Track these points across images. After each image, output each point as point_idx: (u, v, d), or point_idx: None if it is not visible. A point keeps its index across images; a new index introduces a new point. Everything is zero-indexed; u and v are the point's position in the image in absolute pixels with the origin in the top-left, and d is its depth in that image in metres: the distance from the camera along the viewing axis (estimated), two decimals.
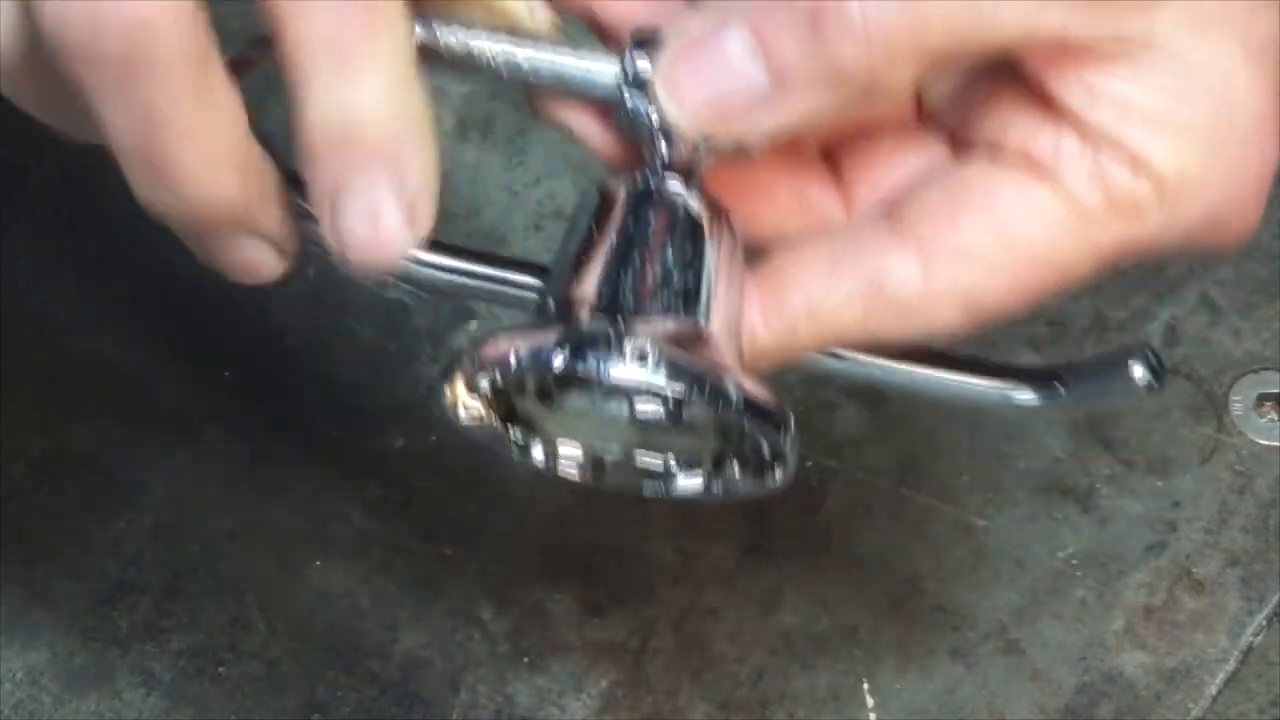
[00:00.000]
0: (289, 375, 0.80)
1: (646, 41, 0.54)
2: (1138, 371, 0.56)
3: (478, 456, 0.78)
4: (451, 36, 0.55)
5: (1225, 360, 0.79)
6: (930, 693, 0.74)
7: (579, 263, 0.54)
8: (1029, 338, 0.80)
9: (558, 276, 0.54)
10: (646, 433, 0.56)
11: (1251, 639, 0.75)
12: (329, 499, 0.77)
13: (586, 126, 0.57)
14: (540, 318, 0.54)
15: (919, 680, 0.74)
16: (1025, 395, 0.59)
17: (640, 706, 0.74)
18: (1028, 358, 0.79)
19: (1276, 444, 0.78)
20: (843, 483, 0.78)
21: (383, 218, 0.51)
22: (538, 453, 0.57)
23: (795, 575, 0.76)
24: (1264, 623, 0.75)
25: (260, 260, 0.56)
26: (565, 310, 0.53)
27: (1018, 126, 0.54)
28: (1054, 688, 0.74)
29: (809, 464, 0.78)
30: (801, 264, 0.56)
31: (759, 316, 0.55)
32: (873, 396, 0.79)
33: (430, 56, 0.55)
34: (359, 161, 0.51)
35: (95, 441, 0.78)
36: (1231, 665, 0.74)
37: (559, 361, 0.51)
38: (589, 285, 0.53)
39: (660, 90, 0.53)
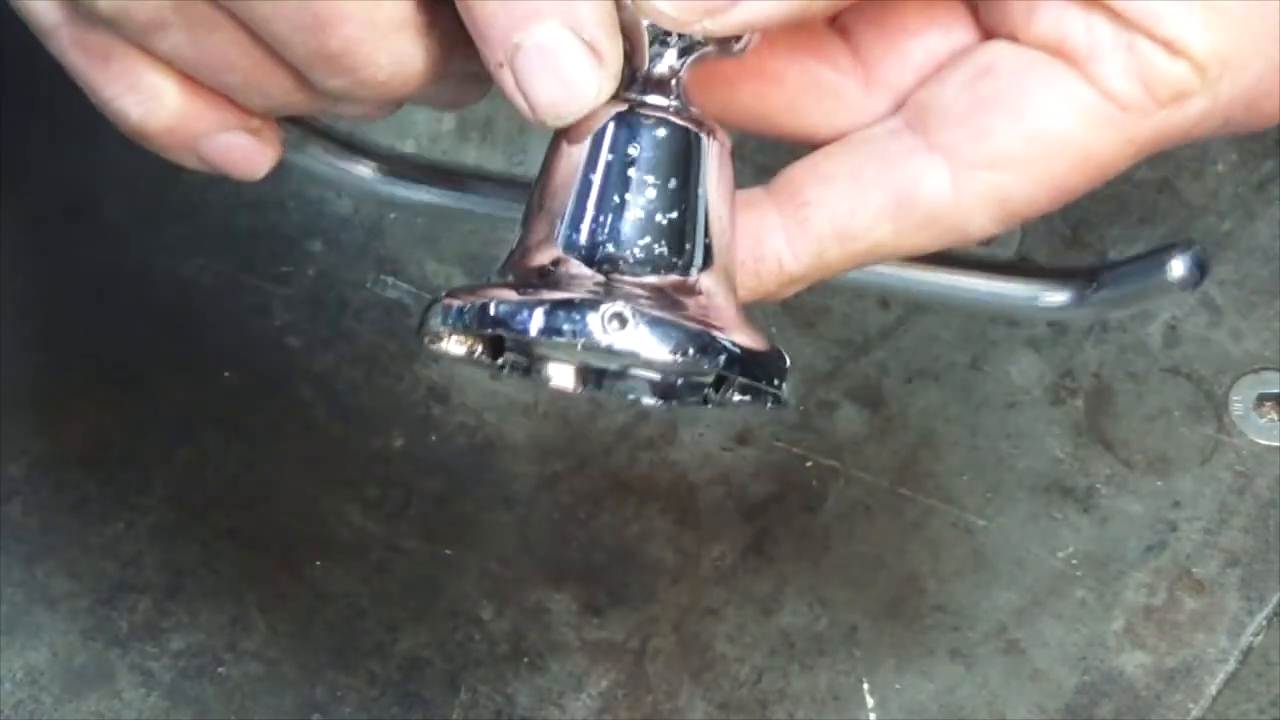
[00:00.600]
0: (289, 375, 0.80)
1: None
2: (1177, 266, 0.54)
3: (478, 456, 0.78)
4: None
5: (1225, 360, 0.79)
6: (930, 693, 0.74)
7: (555, 202, 0.51)
8: (1029, 338, 0.80)
9: (533, 219, 0.51)
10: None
11: (1251, 639, 0.74)
12: (329, 499, 0.77)
13: None
14: (517, 265, 0.51)
15: (919, 680, 0.74)
16: (1058, 296, 0.57)
17: (640, 706, 0.74)
18: (1028, 358, 0.79)
19: (1276, 444, 0.78)
20: (843, 483, 0.78)
21: (565, 63, 0.49)
22: (527, 371, 0.55)
23: (795, 575, 0.76)
24: (1264, 623, 0.75)
25: (466, 92, 0.54)
26: (542, 260, 0.50)
27: (1047, 11, 0.51)
28: (1054, 688, 0.74)
29: (809, 464, 0.78)
30: (823, 182, 0.53)
31: (784, 243, 0.53)
32: (873, 396, 0.79)
33: None
34: (527, 13, 0.48)
35: (95, 441, 0.78)
36: (1231, 665, 0.74)
37: (534, 327, 0.48)
38: (567, 231, 0.50)
39: None
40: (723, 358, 0.49)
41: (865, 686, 0.74)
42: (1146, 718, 0.73)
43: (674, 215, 0.50)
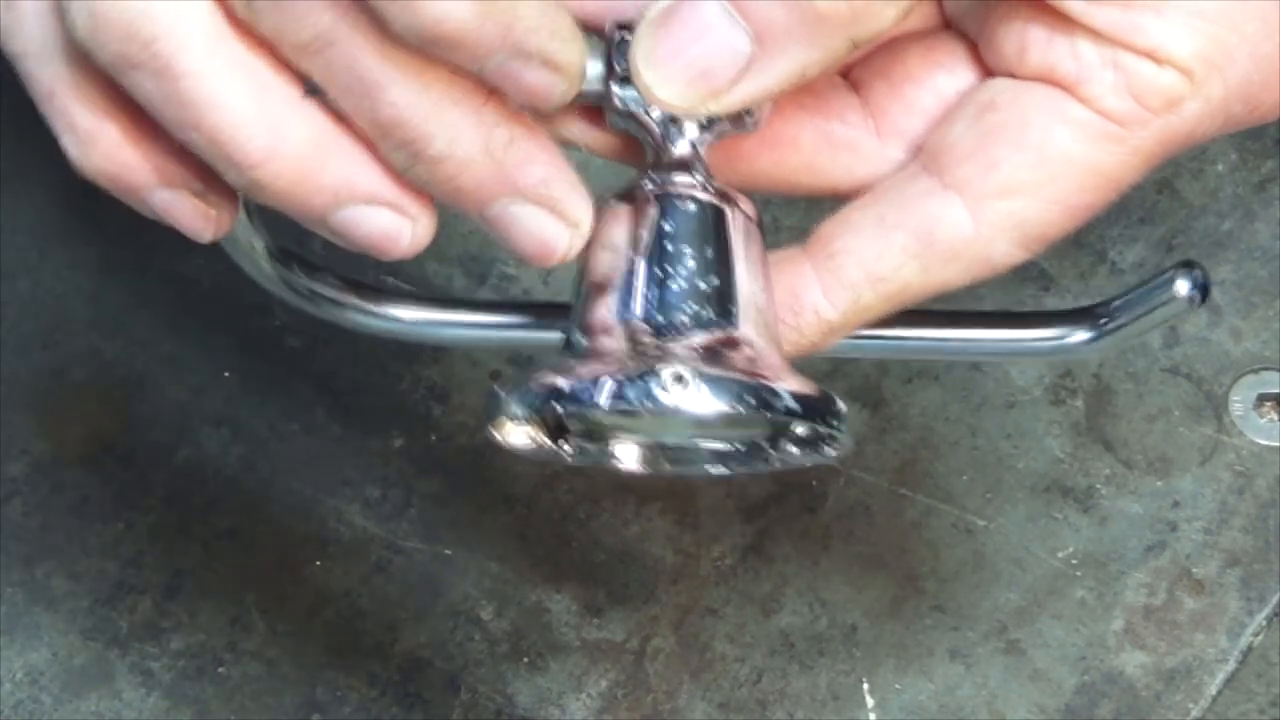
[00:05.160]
0: (289, 375, 0.80)
1: (629, 30, 0.51)
2: (1181, 285, 0.56)
3: (478, 456, 0.78)
4: None
5: (1225, 360, 0.79)
6: (930, 693, 0.74)
7: (601, 284, 0.53)
8: None
9: (584, 300, 0.54)
10: (704, 425, 0.56)
11: (1251, 639, 0.75)
12: (329, 499, 0.77)
13: (577, 131, 0.55)
14: (574, 348, 0.54)
15: (919, 680, 0.74)
16: (1079, 336, 0.58)
17: (640, 706, 0.74)
18: (1030, 360, 0.79)
19: (1276, 444, 0.78)
20: (843, 483, 0.78)
21: (531, 228, 0.52)
22: (595, 455, 0.57)
23: (795, 575, 0.76)
24: (1264, 623, 0.75)
25: None
26: (597, 338, 0.53)
27: (1035, 43, 0.53)
28: (1054, 688, 0.74)
29: (809, 464, 0.78)
30: (851, 231, 0.54)
31: (820, 294, 0.54)
32: (873, 396, 0.79)
33: None
34: (485, 194, 0.52)
35: (95, 441, 0.78)
36: (1231, 665, 0.74)
37: (603, 401, 0.51)
38: (618, 307, 0.53)
39: (642, 73, 0.51)
40: (779, 403, 0.51)
41: (865, 686, 0.74)
42: (1146, 718, 0.73)
43: (712, 280, 0.53)
